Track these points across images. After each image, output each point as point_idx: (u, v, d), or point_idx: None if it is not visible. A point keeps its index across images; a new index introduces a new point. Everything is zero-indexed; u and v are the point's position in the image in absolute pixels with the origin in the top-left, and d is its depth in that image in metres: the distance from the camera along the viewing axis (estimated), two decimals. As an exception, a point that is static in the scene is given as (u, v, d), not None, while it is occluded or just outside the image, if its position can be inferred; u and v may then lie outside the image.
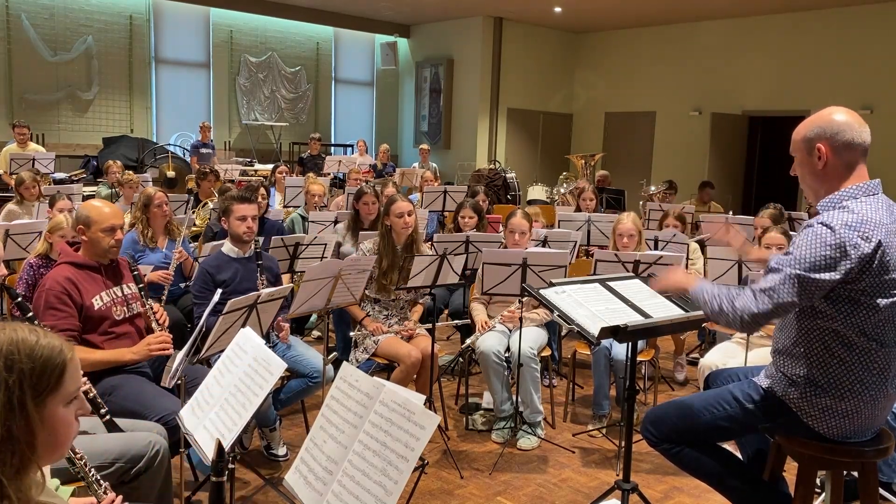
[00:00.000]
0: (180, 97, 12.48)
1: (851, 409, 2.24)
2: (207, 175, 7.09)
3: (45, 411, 1.35)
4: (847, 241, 2.11)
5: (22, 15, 10.71)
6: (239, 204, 3.78)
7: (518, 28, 13.74)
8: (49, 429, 1.36)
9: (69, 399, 1.39)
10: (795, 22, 11.62)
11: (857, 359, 2.21)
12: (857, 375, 2.21)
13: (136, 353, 3.05)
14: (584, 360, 4.75)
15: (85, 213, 3.15)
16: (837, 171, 2.25)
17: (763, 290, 2.21)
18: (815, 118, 2.30)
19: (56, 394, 1.36)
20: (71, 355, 1.39)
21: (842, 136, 2.23)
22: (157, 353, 3.07)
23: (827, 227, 2.14)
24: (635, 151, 13.60)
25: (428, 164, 11.54)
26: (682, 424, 2.51)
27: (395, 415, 1.72)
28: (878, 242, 2.12)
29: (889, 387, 2.25)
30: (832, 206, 2.24)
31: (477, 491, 3.50)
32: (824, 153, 2.25)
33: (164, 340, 3.09)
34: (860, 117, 2.30)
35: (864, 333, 2.18)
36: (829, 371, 2.24)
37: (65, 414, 1.39)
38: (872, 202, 2.21)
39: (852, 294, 2.16)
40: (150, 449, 2.53)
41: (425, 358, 3.90)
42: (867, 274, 2.13)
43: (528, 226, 4.36)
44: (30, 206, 6.30)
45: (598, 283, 2.75)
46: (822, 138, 2.25)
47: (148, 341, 3.09)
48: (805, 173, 2.33)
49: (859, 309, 2.17)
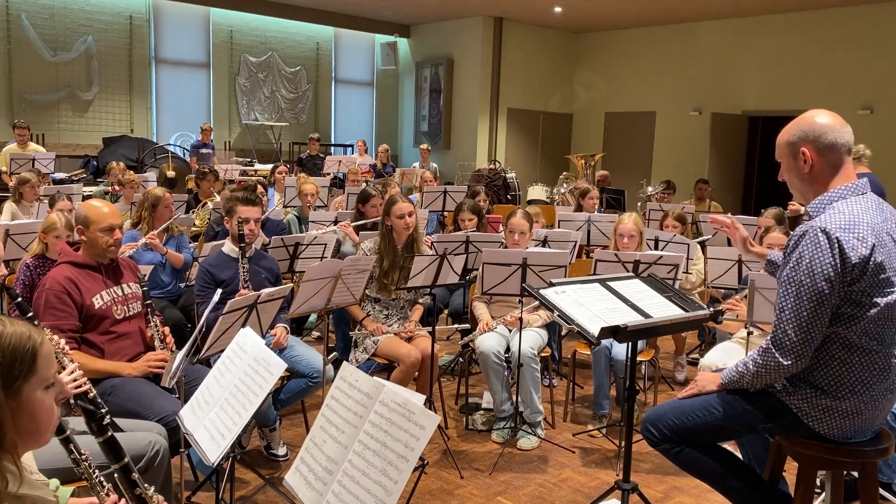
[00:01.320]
0: (180, 97, 12.48)
1: (853, 409, 2.24)
2: (207, 175, 7.10)
3: (21, 398, 1.36)
4: (844, 243, 2.12)
5: (22, 15, 10.71)
6: (243, 206, 3.78)
7: (518, 28, 13.74)
8: (28, 414, 1.37)
9: (46, 383, 1.40)
10: (795, 22, 11.62)
11: (858, 359, 2.21)
12: (858, 376, 2.21)
13: (135, 368, 3.09)
14: (584, 360, 4.75)
15: (84, 212, 3.16)
16: (824, 173, 2.27)
17: (781, 321, 2.21)
18: (797, 122, 2.31)
19: (30, 380, 1.37)
20: (41, 340, 1.40)
21: (825, 138, 2.24)
22: (154, 371, 3.11)
23: (823, 234, 2.15)
24: (635, 151, 13.60)
25: (428, 164, 11.54)
26: (682, 424, 2.51)
27: (395, 415, 1.72)
28: (872, 244, 2.13)
29: (890, 386, 2.25)
30: (822, 207, 2.25)
31: (477, 491, 3.50)
32: (809, 156, 2.26)
33: (163, 359, 3.13)
34: (841, 118, 2.30)
35: (866, 334, 2.18)
36: (830, 373, 2.24)
37: (43, 398, 1.39)
38: (861, 202, 2.21)
39: (853, 296, 2.16)
40: (150, 449, 2.53)
41: (425, 358, 3.90)
42: (865, 274, 2.14)
43: (529, 226, 4.36)
44: (29, 206, 6.30)
45: (598, 283, 2.75)
46: (806, 142, 2.26)
47: (148, 358, 3.14)
48: (792, 178, 2.34)
49: (861, 310, 2.17)
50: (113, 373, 3.04)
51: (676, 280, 4.09)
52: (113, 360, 3.09)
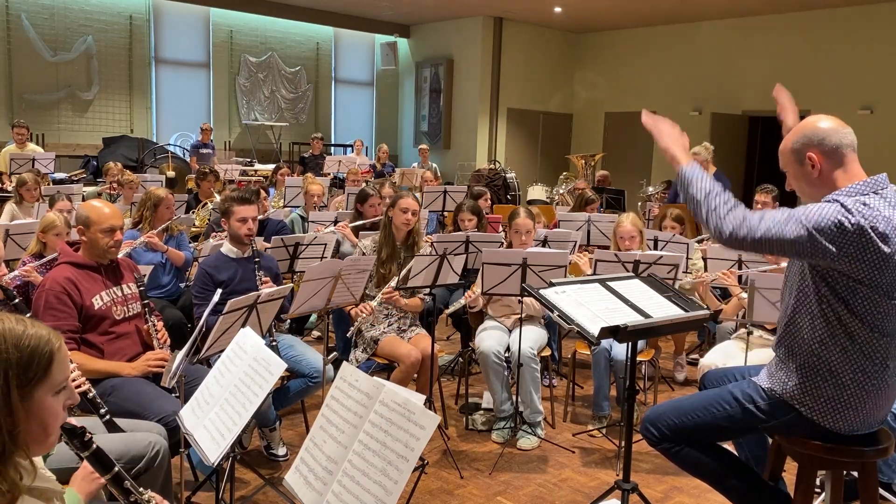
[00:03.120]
0: (180, 97, 12.48)
1: (855, 399, 2.23)
2: (207, 175, 7.10)
3: (32, 401, 1.36)
4: (854, 213, 2.09)
5: (22, 15, 10.71)
6: (240, 205, 3.78)
7: (518, 28, 13.74)
8: (37, 419, 1.37)
9: (57, 388, 1.40)
10: (795, 22, 11.62)
11: (858, 347, 2.21)
12: (858, 364, 2.22)
13: (134, 368, 3.09)
14: (584, 360, 4.75)
15: (85, 213, 3.16)
16: (832, 175, 2.26)
17: (763, 218, 2.17)
18: (799, 129, 2.31)
19: (44, 383, 1.37)
20: (59, 345, 1.40)
21: (829, 141, 2.24)
22: (153, 371, 3.11)
23: (835, 201, 2.14)
24: (635, 151, 13.59)
25: (428, 164, 11.55)
26: (682, 424, 2.52)
27: (395, 415, 1.72)
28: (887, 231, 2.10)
29: (890, 377, 2.25)
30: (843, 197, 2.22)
31: (477, 491, 3.50)
32: (816, 160, 2.25)
33: (161, 358, 3.13)
34: (840, 120, 2.30)
35: (866, 322, 2.18)
36: (830, 360, 2.24)
37: (52, 403, 1.39)
38: (877, 199, 2.16)
39: (852, 282, 2.15)
40: (150, 449, 2.53)
41: (425, 358, 3.90)
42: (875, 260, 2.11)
43: (533, 224, 4.37)
44: (29, 206, 6.29)
45: (598, 283, 2.75)
46: (811, 146, 2.26)
47: (147, 357, 3.14)
48: (801, 184, 2.33)
49: (860, 296, 2.16)
50: (112, 373, 3.04)
51: (676, 280, 4.09)
52: (112, 361, 3.09)
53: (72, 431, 1.57)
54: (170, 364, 2.83)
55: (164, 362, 3.11)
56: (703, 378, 2.94)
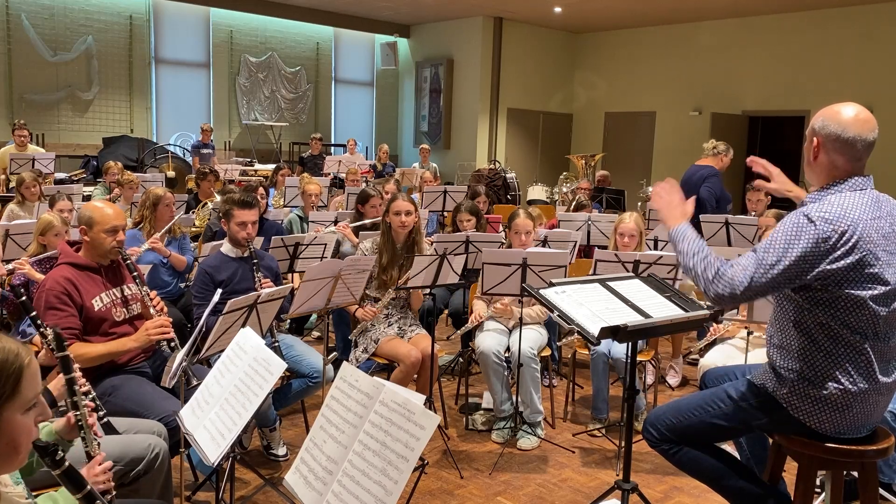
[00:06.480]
0: (180, 97, 12.49)
1: (840, 402, 2.24)
2: (207, 175, 7.09)
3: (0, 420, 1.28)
4: (821, 234, 2.13)
5: (22, 15, 10.71)
6: (240, 209, 3.77)
7: (518, 28, 13.74)
8: (6, 437, 1.30)
9: (27, 406, 1.33)
10: (795, 22, 11.62)
11: (842, 351, 2.21)
12: (842, 368, 2.22)
13: (136, 339, 3.04)
14: (583, 360, 4.74)
15: (87, 213, 3.14)
16: (823, 167, 2.28)
17: (741, 267, 2.22)
18: (825, 110, 2.31)
19: (12, 402, 1.30)
20: (28, 360, 1.32)
21: (835, 133, 2.24)
22: (157, 338, 3.05)
23: (807, 219, 2.17)
24: (635, 151, 13.60)
25: (428, 164, 11.54)
26: (680, 424, 2.52)
27: (395, 415, 1.72)
28: (856, 238, 2.13)
29: (879, 382, 2.25)
30: (816, 199, 2.27)
31: (477, 491, 3.50)
32: (816, 147, 2.28)
33: (161, 324, 3.05)
34: (869, 116, 2.28)
35: (848, 326, 2.19)
36: (815, 363, 2.25)
37: (22, 420, 1.32)
38: (855, 197, 2.21)
39: (831, 286, 2.17)
40: (150, 452, 2.52)
41: (425, 358, 3.90)
42: (845, 267, 2.14)
43: (533, 224, 4.37)
44: (31, 206, 6.29)
45: (598, 283, 2.75)
46: (820, 133, 2.27)
47: (146, 327, 3.06)
48: (806, 161, 2.37)
49: (840, 301, 2.18)
50: (115, 351, 3.01)
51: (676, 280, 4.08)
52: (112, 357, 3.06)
53: (43, 449, 1.46)
54: (170, 364, 2.83)
55: (164, 328, 3.04)
56: (703, 377, 2.94)
